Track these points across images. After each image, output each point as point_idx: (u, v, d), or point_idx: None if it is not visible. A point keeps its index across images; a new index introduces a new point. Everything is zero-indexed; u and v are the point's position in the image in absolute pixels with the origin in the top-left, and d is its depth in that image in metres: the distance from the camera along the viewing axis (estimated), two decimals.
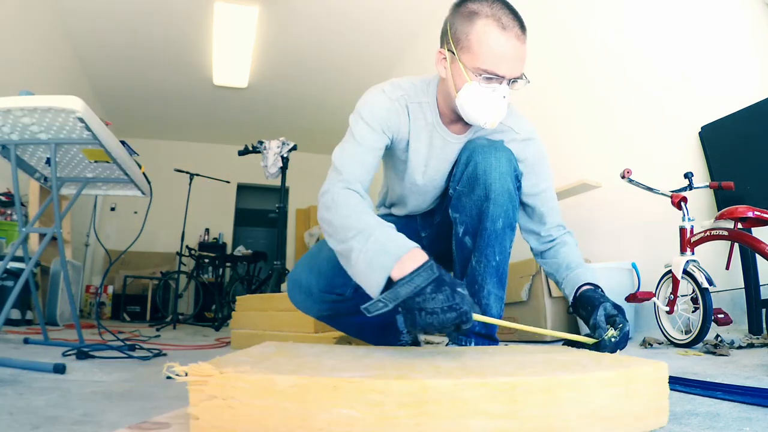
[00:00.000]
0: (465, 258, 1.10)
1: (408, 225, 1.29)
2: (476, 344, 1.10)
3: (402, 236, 0.84)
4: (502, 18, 0.96)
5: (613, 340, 0.88)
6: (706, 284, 1.52)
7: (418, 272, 0.76)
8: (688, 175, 1.72)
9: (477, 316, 0.77)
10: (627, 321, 0.91)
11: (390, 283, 0.77)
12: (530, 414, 0.50)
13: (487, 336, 1.12)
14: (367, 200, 0.96)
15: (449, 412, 0.49)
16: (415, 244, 0.81)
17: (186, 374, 0.51)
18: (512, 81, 0.99)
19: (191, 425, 0.51)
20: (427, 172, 1.15)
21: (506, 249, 1.08)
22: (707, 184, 1.70)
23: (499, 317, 1.07)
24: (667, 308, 1.65)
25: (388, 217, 1.34)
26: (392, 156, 1.18)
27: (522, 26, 0.98)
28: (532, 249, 1.21)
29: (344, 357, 0.72)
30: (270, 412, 0.49)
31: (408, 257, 0.79)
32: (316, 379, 0.50)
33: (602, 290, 1.03)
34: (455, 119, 1.10)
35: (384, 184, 1.34)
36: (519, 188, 1.11)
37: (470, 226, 1.08)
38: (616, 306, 0.94)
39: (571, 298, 1.05)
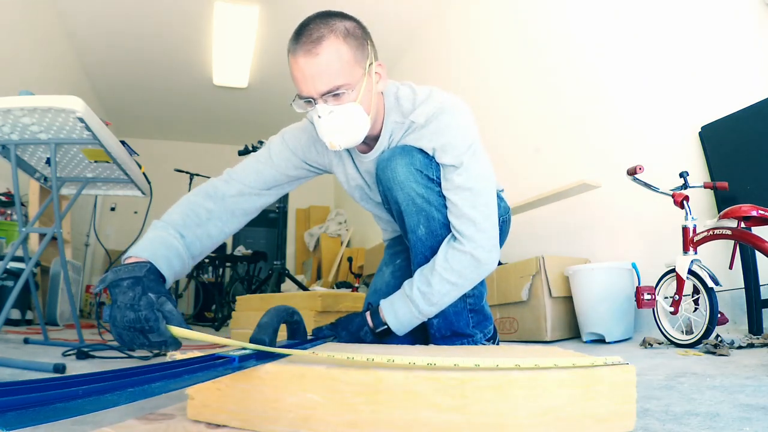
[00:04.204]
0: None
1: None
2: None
3: (157, 240, 0.91)
4: (295, 41, 0.93)
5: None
6: (711, 284, 1.51)
7: (127, 266, 0.80)
8: (683, 174, 1.72)
9: (176, 330, 0.73)
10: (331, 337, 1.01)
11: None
12: (480, 409, 0.52)
13: (455, 334, 1.12)
14: (225, 195, 1.07)
15: (402, 402, 0.53)
16: (154, 251, 0.87)
17: None
18: (331, 94, 0.94)
19: (188, 403, 0.61)
20: (353, 193, 1.23)
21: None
22: (702, 183, 1.70)
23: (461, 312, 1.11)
24: (672, 309, 1.64)
25: (398, 239, 1.38)
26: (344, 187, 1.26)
27: (317, 38, 0.91)
28: None
29: (328, 352, 0.75)
30: (249, 393, 0.58)
31: (134, 258, 0.85)
32: (287, 367, 0.58)
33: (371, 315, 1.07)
34: None
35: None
36: (434, 179, 1.04)
37: (407, 237, 1.11)
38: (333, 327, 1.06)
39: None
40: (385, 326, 1.05)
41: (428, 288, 1.01)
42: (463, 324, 1.12)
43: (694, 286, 1.60)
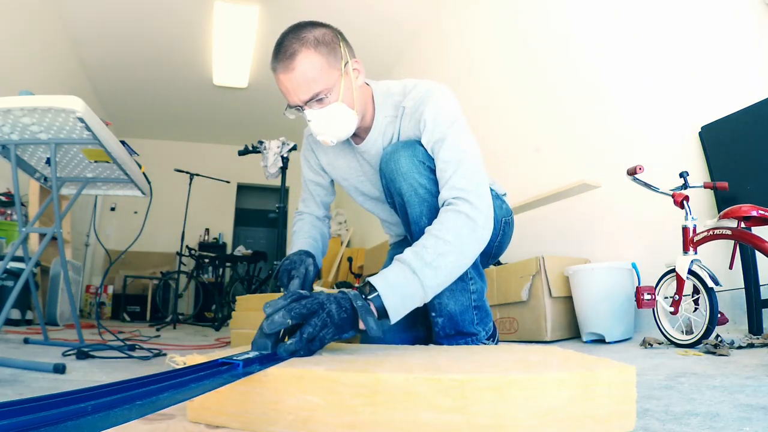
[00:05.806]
0: None
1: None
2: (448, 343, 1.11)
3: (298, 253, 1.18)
4: (274, 59, 1.02)
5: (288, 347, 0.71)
6: (711, 284, 1.51)
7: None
8: (683, 174, 1.72)
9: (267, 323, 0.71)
10: (313, 328, 0.73)
11: None
12: (480, 410, 0.52)
13: (458, 333, 1.12)
14: (309, 220, 1.34)
15: (402, 404, 0.52)
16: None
17: (185, 364, 0.62)
18: (314, 100, 1.02)
19: (187, 405, 0.61)
20: (356, 186, 1.30)
21: None
22: (702, 183, 1.70)
23: (458, 307, 1.10)
24: (672, 309, 1.64)
25: (402, 242, 1.42)
26: (342, 186, 1.34)
27: (290, 54, 0.99)
28: None
29: (327, 353, 0.76)
30: (249, 396, 0.58)
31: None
32: (287, 370, 0.58)
33: (368, 289, 0.84)
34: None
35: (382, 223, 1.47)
36: (435, 170, 1.05)
37: (410, 229, 1.11)
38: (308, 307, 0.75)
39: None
40: (375, 294, 0.83)
41: (422, 249, 0.89)
42: (467, 322, 1.11)
43: (694, 286, 1.60)
